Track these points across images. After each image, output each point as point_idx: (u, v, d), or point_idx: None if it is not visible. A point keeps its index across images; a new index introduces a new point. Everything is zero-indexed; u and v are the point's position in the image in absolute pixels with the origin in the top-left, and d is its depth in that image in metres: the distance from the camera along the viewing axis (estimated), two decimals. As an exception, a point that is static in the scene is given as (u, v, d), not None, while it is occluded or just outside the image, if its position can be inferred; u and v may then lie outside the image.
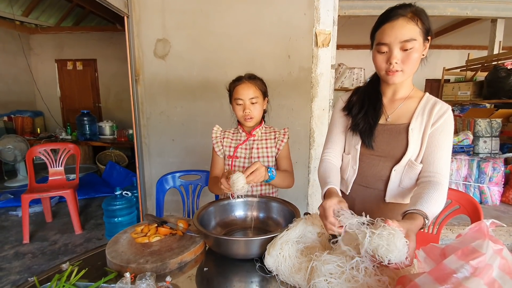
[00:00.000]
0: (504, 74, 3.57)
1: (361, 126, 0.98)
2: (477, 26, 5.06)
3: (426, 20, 0.86)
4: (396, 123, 0.96)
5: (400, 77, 0.90)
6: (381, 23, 0.88)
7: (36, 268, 2.18)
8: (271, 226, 1.10)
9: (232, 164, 1.30)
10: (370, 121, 0.97)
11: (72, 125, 4.80)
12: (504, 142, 3.76)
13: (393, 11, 0.86)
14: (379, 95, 1.00)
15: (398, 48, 0.85)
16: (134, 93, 2.49)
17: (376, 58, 0.91)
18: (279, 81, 2.41)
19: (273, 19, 2.34)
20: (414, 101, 0.96)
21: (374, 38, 0.91)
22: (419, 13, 0.85)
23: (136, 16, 2.39)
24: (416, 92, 0.98)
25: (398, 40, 0.84)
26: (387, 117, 0.98)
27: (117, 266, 0.84)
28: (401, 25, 0.84)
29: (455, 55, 7.41)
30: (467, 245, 0.53)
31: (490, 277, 0.49)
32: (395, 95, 0.99)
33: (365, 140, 0.98)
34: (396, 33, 0.84)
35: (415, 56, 0.86)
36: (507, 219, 2.77)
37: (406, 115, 0.95)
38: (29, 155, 2.75)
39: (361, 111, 0.99)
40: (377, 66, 0.92)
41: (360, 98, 1.02)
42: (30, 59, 5.81)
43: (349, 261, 0.68)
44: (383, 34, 0.87)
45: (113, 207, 2.46)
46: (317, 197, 2.58)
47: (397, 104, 0.98)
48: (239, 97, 1.24)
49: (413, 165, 0.93)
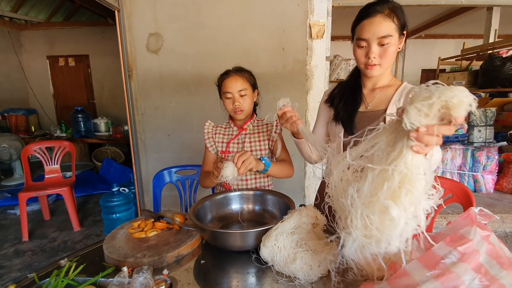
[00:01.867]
0: (499, 63, 3.58)
1: (341, 115, 1.06)
2: (472, 15, 5.05)
3: (402, 16, 0.91)
4: (375, 110, 1.02)
5: (378, 71, 0.97)
6: (360, 19, 0.94)
7: (37, 265, 2.19)
8: (267, 218, 1.11)
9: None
10: (349, 109, 1.04)
11: (67, 122, 4.76)
12: (498, 131, 3.80)
13: (371, 8, 0.91)
14: (359, 86, 1.07)
15: (376, 43, 0.92)
16: (127, 89, 2.47)
17: (356, 52, 0.98)
18: (274, 73, 2.40)
19: (266, 11, 2.31)
20: (391, 89, 1.03)
21: (355, 32, 0.97)
22: (395, 9, 0.90)
23: (127, 10, 2.35)
24: (394, 81, 1.05)
25: (376, 36, 0.90)
26: (367, 105, 1.05)
27: (114, 261, 0.85)
28: (378, 21, 0.89)
29: (450, 44, 7.40)
30: (455, 232, 0.55)
31: (477, 262, 0.51)
32: (375, 85, 1.06)
33: (347, 128, 1.04)
34: (374, 29, 0.90)
35: (391, 50, 0.92)
36: (501, 206, 2.82)
37: (384, 102, 1.01)
38: (24, 153, 2.73)
39: (341, 101, 1.08)
40: (357, 59, 0.99)
41: (341, 90, 1.11)
42: (21, 56, 5.71)
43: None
44: (362, 29, 0.93)
45: (111, 203, 2.46)
46: (313, 189, 2.60)
47: (376, 92, 1.05)
48: (227, 90, 1.24)
49: None
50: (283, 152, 1.34)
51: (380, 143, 0.57)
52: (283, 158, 1.33)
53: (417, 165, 0.53)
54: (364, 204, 0.56)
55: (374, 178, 0.56)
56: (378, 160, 0.57)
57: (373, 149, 0.58)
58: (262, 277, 0.81)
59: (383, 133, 0.58)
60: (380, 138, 0.57)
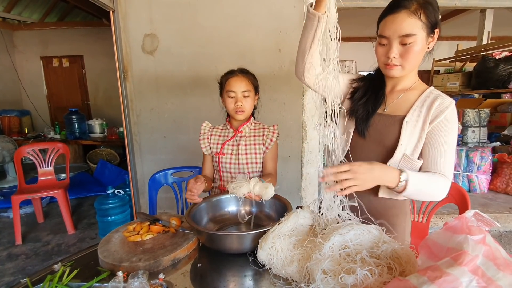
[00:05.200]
0: (492, 64, 3.62)
1: (359, 112, 0.96)
2: (466, 17, 5.11)
3: (432, 13, 0.81)
4: (393, 114, 0.93)
5: (399, 72, 0.88)
6: (385, 14, 0.85)
7: (30, 269, 2.16)
8: (264, 220, 1.11)
9: (219, 161, 1.30)
10: (369, 108, 0.95)
11: (61, 123, 4.70)
12: (492, 131, 3.85)
13: (398, 2, 0.82)
14: (383, 84, 0.98)
15: (397, 42, 0.83)
16: (122, 90, 2.45)
17: (376, 49, 0.89)
18: (270, 75, 2.40)
19: (263, 12, 2.31)
20: (414, 93, 0.93)
21: (378, 27, 0.88)
22: (425, 5, 0.80)
23: (122, 10, 2.33)
24: (419, 85, 0.95)
25: (397, 34, 0.82)
26: (385, 107, 0.96)
27: (109, 265, 0.84)
28: (402, 18, 0.80)
29: (444, 46, 7.48)
30: (449, 240, 0.55)
31: (474, 264, 0.51)
32: (395, 87, 0.97)
33: (359, 127, 0.95)
34: (396, 27, 0.81)
35: (415, 50, 0.82)
36: (495, 206, 2.86)
37: (404, 107, 0.92)
38: (17, 155, 2.69)
39: (363, 97, 0.97)
40: (377, 57, 0.91)
41: (366, 84, 1.00)
42: (14, 57, 5.63)
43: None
44: (384, 26, 0.85)
45: (105, 206, 2.43)
46: (310, 191, 2.60)
47: (396, 95, 0.95)
48: (231, 89, 1.23)
49: (410, 160, 0.89)
50: (272, 164, 1.32)
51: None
52: (270, 171, 1.31)
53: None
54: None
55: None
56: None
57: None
58: (259, 280, 0.81)
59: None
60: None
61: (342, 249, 0.73)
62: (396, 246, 0.73)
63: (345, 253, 0.72)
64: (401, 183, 0.79)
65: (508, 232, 2.68)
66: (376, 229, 0.78)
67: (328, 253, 0.72)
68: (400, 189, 0.81)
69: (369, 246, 0.74)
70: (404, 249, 0.72)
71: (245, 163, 1.29)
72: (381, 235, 0.77)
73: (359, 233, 0.76)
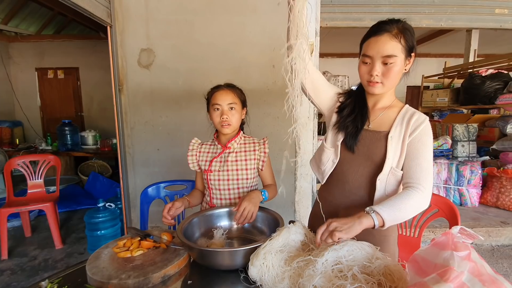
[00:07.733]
0: (479, 81, 3.75)
1: (350, 129, 1.01)
2: (453, 36, 5.33)
3: (410, 38, 0.90)
4: (377, 130, 1.00)
5: (380, 89, 0.96)
6: (368, 36, 0.93)
7: (16, 285, 2.08)
8: (256, 235, 1.10)
9: (208, 178, 1.29)
10: (358, 125, 1.01)
11: (53, 135, 4.65)
12: (481, 145, 3.94)
13: (380, 26, 0.91)
14: (365, 101, 1.05)
15: (379, 62, 0.91)
16: (117, 102, 2.46)
17: (360, 67, 0.97)
18: (264, 89, 2.45)
19: (257, 30, 2.38)
20: (394, 111, 1.01)
21: (362, 48, 0.96)
22: (404, 30, 0.90)
23: (119, 26, 2.38)
24: (397, 103, 1.03)
25: (380, 55, 0.90)
26: (369, 123, 1.03)
27: (98, 282, 0.82)
28: (384, 40, 0.89)
29: (433, 63, 7.74)
30: (436, 256, 0.56)
31: (459, 282, 0.52)
32: (376, 104, 1.04)
33: (348, 142, 1.01)
34: (379, 48, 0.89)
35: (395, 70, 0.91)
36: (486, 220, 2.88)
37: (387, 123, 1.00)
38: (7, 167, 2.64)
39: (352, 114, 1.03)
40: (360, 75, 0.98)
41: (352, 101, 1.06)
42: (9, 68, 5.63)
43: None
44: (368, 46, 0.93)
45: (95, 219, 2.38)
46: (304, 204, 2.60)
47: (378, 112, 1.03)
48: (217, 102, 1.23)
49: (395, 172, 0.96)
50: (269, 173, 1.34)
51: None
52: (269, 181, 1.33)
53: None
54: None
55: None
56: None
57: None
58: (250, 297, 0.80)
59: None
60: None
61: (335, 265, 0.74)
62: (389, 262, 0.74)
63: (338, 269, 0.73)
64: (376, 223, 0.83)
65: (500, 246, 2.70)
66: (369, 246, 0.79)
67: (321, 268, 0.72)
68: (379, 226, 0.85)
69: (362, 262, 0.75)
70: (397, 266, 0.73)
71: (235, 179, 1.27)
72: (374, 251, 0.78)
73: (353, 249, 0.77)
